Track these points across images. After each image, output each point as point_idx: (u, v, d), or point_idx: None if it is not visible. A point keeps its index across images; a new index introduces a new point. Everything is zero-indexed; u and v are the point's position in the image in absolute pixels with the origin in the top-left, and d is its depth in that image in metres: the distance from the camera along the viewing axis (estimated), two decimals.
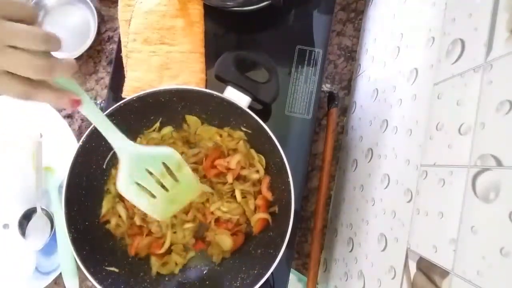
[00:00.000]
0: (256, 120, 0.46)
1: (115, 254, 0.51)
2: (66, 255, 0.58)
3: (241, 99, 0.47)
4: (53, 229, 0.60)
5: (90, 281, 0.46)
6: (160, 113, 0.52)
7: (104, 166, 0.51)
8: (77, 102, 0.32)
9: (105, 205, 0.52)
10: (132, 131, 0.52)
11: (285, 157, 0.46)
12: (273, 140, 0.46)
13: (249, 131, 0.51)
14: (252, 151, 0.52)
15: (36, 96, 0.29)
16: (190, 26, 0.55)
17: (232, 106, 0.47)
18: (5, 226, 0.62)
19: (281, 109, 0.57)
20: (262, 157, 0.52)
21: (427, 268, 0.32)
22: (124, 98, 0.47)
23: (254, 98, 0.49)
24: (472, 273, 0.26)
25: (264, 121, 0.47)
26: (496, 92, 0.27)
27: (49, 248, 0.60)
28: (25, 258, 0.60)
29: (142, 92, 0.46)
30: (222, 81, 0.49)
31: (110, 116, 0.47)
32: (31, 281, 0.59)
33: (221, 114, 0.51)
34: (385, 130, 0.47)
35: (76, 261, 0.55)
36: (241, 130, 0.52)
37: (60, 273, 0.59)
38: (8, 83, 0.27)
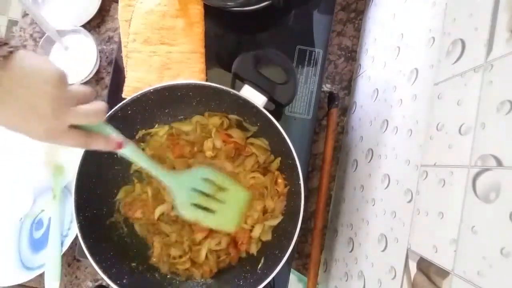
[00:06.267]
0: (271, 121, 0.46)
1: (120, 244, 0.51)
2: (53, 256, 0.57)
3: (257, 98, 0.48)
4: (48, 226, 0.60)
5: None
6: (175, 106, 0.52)
7: (117, 155, 0.52)
8: (120, 145, 0.39)
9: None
10: (146, 122, 0.53)
11: (297, 159, 0.46)
12: (287, 141, 0.46)
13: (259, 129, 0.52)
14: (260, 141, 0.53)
15: (92, 143, 0.36)
16: (190, 26, 0.55)
17: (248, 105, 0.47)
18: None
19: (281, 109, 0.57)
20: (265, 141, 0.53)
21: (427, 268, 0.32)
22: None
23: (270, 98, 0.49)
24: (473, 273, 0.26)
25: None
26: (496, 92, 0.27)
27: (40, 244, 0.60)
28: (8, 251, 0.60)
29: (159, 85, 0.47)
30: (240, 79, 0.49)
31: (126, 106, 0.47)
32: (14, 274, 0.58)
33: (235, 111, 0.52)
34: (385, 130, 0.47)
35: (61, 265, 0.56)
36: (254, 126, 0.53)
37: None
38: (74, 136, 0.34)
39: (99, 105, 0.36)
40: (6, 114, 0.31)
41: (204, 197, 0.49)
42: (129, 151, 0.40)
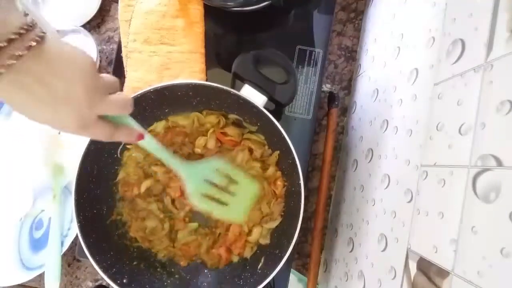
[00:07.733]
0: (271, 120, 0.46)
1: (120, 244, 0.52)
2: (53, 256, 0.57)
3: (258, 98, 0.48)
4: (48, 226, 0.60)
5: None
6: (175, 106, 0.52)
7: (117, 155, 0.52)
8: (141, 136, 0.39)
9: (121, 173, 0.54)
10: (146, 122, 0.53)
11: (297, 159, 0.46)
12: (287, 141, 0.46)
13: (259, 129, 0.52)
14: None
15: (117, 135, 0.35)
16: (190, 26, 0.55)
17: (248, 104, 0.47)
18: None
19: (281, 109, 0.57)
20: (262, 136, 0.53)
21: (427, 269, 0.32)
22: None
23: (270, 98, 0.49)
24: (473, 274, 0.26)
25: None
26: (496, 92, 0.27)
27: (40, 244, 0.60)
28: (8, 251, 0.60)
29: (159, 85, 0.46)
30: (240, 79, 0.49)
31: None
32: (14, 274, 0.58)
33: (235, 111, 0.52)
34: (385, 130, 0.47)
35: (61, 265, 0.56)
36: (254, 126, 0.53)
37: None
38: (102, 127, 0.33)
39: (126, 96, 0.35)
40: (35, 105, 0.28)
41: (216, 189, 0.49)
42: (147, 142, 0.41)
